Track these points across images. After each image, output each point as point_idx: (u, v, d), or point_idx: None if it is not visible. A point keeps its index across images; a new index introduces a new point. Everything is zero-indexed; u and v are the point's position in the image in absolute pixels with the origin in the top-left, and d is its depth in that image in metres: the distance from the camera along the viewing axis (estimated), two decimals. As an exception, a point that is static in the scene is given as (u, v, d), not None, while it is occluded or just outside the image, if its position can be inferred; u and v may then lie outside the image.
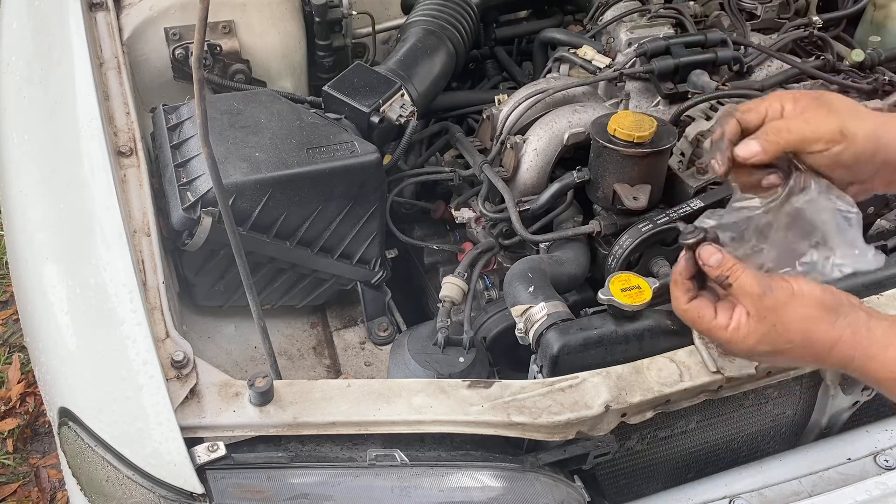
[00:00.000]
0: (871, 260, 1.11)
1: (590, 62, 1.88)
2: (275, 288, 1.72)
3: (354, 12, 2.10)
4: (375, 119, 1.72)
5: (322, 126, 1.66)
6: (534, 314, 1.41)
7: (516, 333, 1.44)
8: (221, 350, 1.69)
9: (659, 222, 1.57)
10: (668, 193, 1.65)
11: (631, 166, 1.56)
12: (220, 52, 1.90)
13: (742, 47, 1.90)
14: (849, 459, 1.45)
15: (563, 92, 1.83)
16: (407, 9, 2.29)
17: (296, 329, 1.83)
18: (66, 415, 1.21)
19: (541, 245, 1.70)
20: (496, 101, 1.87)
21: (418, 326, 1.59)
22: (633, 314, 1.36)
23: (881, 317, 1.08)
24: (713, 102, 1.73)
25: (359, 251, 1.72)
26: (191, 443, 1.16)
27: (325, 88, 1.77)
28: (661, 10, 1.97)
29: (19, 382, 2.85)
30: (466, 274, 1.66)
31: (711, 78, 1.79)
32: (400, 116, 1.76)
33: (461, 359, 1.49)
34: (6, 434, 2.70)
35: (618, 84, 1.86)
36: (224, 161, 1.52)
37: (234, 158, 1.54)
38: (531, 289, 1.46)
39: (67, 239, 1.38)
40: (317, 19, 2.02)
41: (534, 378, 1.38)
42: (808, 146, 1.09)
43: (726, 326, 1.10)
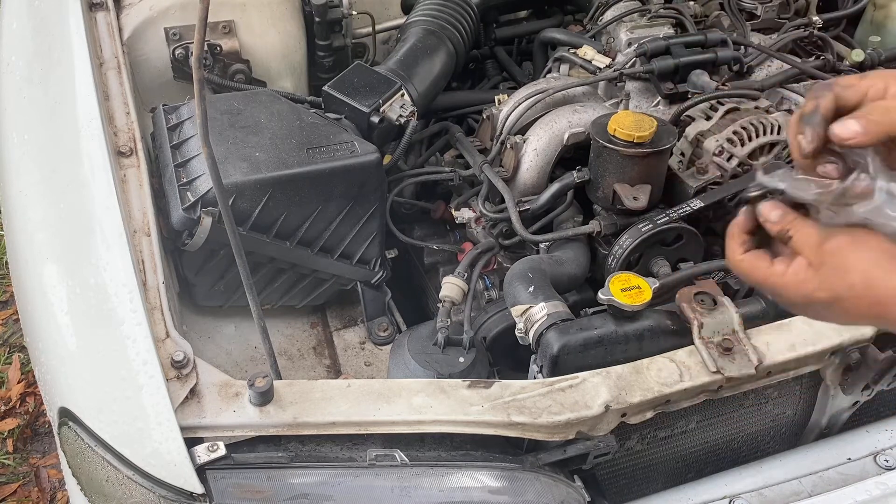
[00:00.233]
0: None
1: (590, 62, 1.88)
2: (275, 288, 1.72)
3: (354, 12, 2.10)
4: (375, 119, 1.72)
5: (322, 126, 1.66)
6: (534, 314, 1.41)
7: (516, 333, 1.44)
8: (221, 350, 1.69)
9: (659, 222, 1.57)
10: (668, 193, 1.65)
11: (631, 166, 1.56)
12: (220, 52, 1.90)
13: (742, 47, 1.90)
14: (849, 459, 1.45)
15: (563, 92, 1.83)
16: (407, 9, 2.29)
17: (296, 329, 1.83)
18: (66, 415, 1.21)
19: (541, 245, 1.70)
20: (496, 101, 1.87)
21: (418, 326, 1.59)
22: (633, 314, 1.36)
23: None
24: (713, 102, 1.73)
25: (359, 251, 1.72)
26: (191, 443, 1.16)
27: (325, 88, 1.77)
28: (661, 10, 1.97)
29: (19, 382, 2.85)
30: (466, 274, 1.66)
31: (711, 78, 1.79)
32: (400, 116, 1.76)
33: (461, 359, 1.49)
34: (6, 434, 2.70)
35: (618, 84, 1.86)
36: (224, 161, 1.52)
37: (234, 158, 1.54)
38: (531, 289, 1.46)
39: (67, 239, 1.38)
40: (317, 19, 2.02)
41: (534, 378, 1.38)
42: None
43: (783, 273, 1.02)
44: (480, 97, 2.10)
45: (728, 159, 1.63)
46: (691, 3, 2.07)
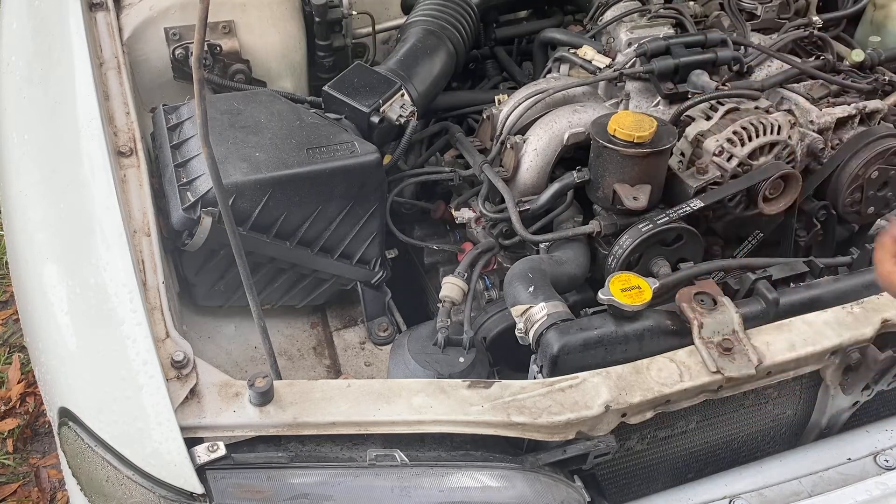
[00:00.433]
0: None
1: (590, 62, 1.88)
2: (275, 288, 1.72)
3: (354, 12, 2.10)
4: (375, 119, 1.72)
5: (322, 126, 1.66)
6: (534, 314, 1.41)
7: (516, 333, 1.44)
8: (221, 350, 1.69)
9: (659, 222, 1.57)
10: (668, 193, 1.65)
11: (631, 166, 1.56)
12: (220, 52, 1.90)
13: (742, 47, 1.89)
14: (849, 459, 1.45)
15: (563, 92, 1.83)
16: (407, 9, 2.29)
17: (296, 329, 1.83)
18: (66, 415, 1.21)
19: (541, 245, 1.70)
20: (496, 101, 1.87)
21: (418, 326, 1.59)
22: (633, 314, 1.36)
23: None
24: (713, 102, 1.73)
25: (359, 251, 1.72)
26: (191, 443, 1.16)
27: (325, 88, 1.77)
28: (661, 10, 1.96)
29: (19, 382, 2.85)
30: (466, 274, 1.66)
31: (711, 78, 1.79)
32: (400, 116, 1.76)
33: (461, 359, 1.49)
34: (6, 434, 2.70)
35: (618, 84, 1.86)
36: (224, 161, 1.52)
37: (234, 158, 1.54)
38: (531, 289, 1.46)
39: (67, 239, 1.38)
40: (317, 19, 2.02)
41: (534, 378, 1.38)
42: None
43: None
44: (480, 97, 2.10)
45: (728, 159, 1.63)
46: (691, 3, 2.07)
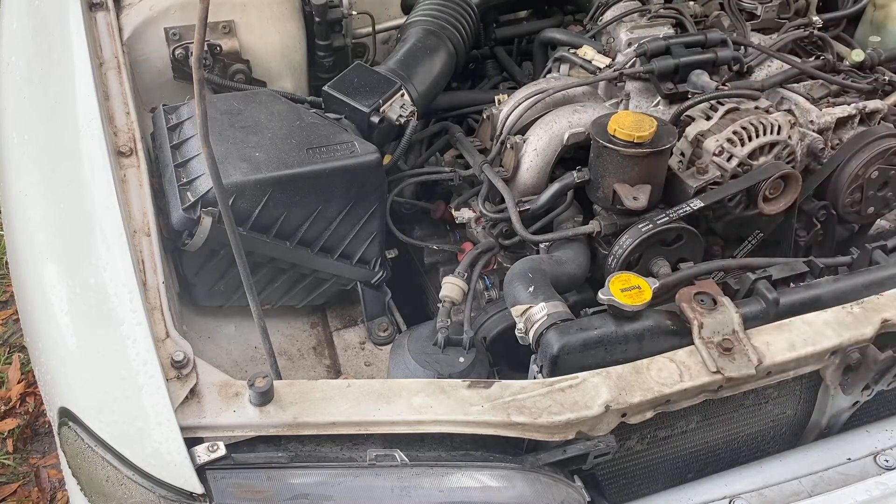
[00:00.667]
0: None
1: (590, 62, 1.88)
2: (275, 288, 1.72)
3: (354, 12, 2.10)
4: (375, 119, 1.72)
5: (322, 126, 1.66)
6: (534, 314, 1.41)
7: (516, 333, 1.44)
8: (221, 350, 1.69)
9: (659, 222, 1.57)
10: (668, 193, 1.65)
11: (631, 166, 1.56)
12: (220, 52, 1.90)
13: (742, 47, 1.89)
14: (849, 459, 1.45)
15: (563, 92, 1.83)
16: (407, 9, 2.29)
17: (296, 329, 1.83)
18: (66, 415, 1.21)
19: (541, 245, 1.70)
20: (496, 101, 1.87)
21: (418, 326, 1.59)
22: (633, 314, 1.36)
23: None
24: (713, 102, 1.73)
25: (359, 251, 1.72)
26: (191, 443, 1.16)
27: (325, 88, 1.77)
28: (661, 10, 1.96)
29: (19, 382, 2.85)
30: (466, 274, 1.66)
31: (711, 78, 1.79)
32: (400, 116, 1.76)
33: (461, 359, 1.49)
34: (6, 434, 2.70)
35: (618, 84, 1.86)
36: (224, 161, 1.52)
37: (234, 158, 1.54)
38: (531, 289, 1.46)
39: (67, 239, 1.38)
40: (317, 19, 2.02)
41: (534, 378, 1.38)
42: None
43: None
44: (480, 97, 2.10)
45: (728, 159, 1.63)
46: (691, 3, 2.07)
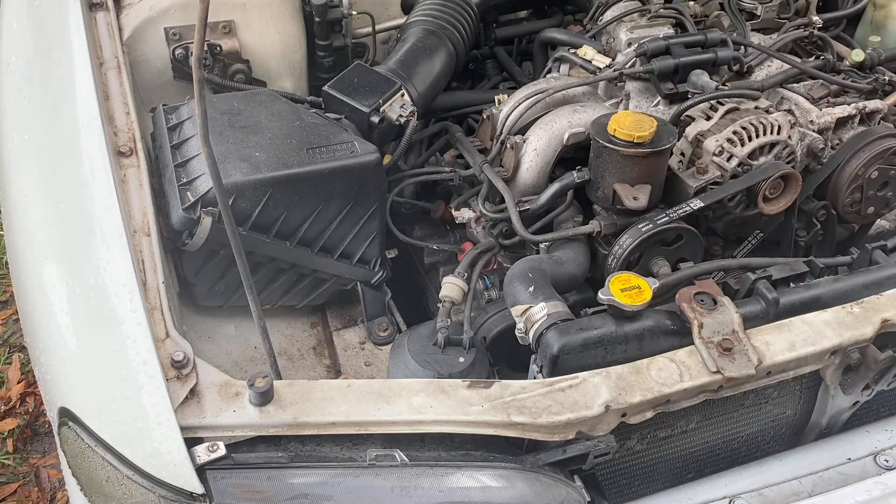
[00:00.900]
0: None
1: (590, 62, 1.88)
2: (275, 288, 1.72)
3: (354, 12, 2.10)
4: (375, 119, 1.72)
5: (322, 126, 1.66)
6: (534, 314, 1.41)
7: (516, 333, 1.44)
8: (221, 350, 1.69)
9: (659, 222, 1.57)
10: (668, 193, 1.65)
11: (631, 166, 1.56)
12: (220, 52, 1.90)
13: (742, 47, 1.89)
14: (849, 459, 1.45)
15: (563, 92, 1.83)
16: (407, 9, 2.29)
17: (296, 329, 1.83)
18: (66, 415, 1.21)
19: (541, 245, 1.70)
20: (496, 101, 1.87)
21: (418, 326, 1.59)
22: (633, 314, 1.36)
23: None
24: (713, 102, 1.73)
25: (359, 251, 1.72)
26: (191, 443, 1.16)
27: (325, 88, 1.77)
28: (661, 10, 1.96)
29: (19, 382, 2.85)
30: (466, 274, 1.66)
31: (711, 78, 1.79)
32: (400, 116, 1.76)
33: (461, 359, 1.49)
34: (6, 434, 2.70)
35: (618, 84, 1.86)
36: (224, 161, 1.52)
37: (234, 158, 1.54)
38: (531, 289, 1.46)
39: (67, 239, 1.38)
40: (317, 19, 2.02)
41: (534, 378, 1.38)
42: None
43: None
44: (480, 97, 2.10)
45: (728, 159, 1.63)
46: (691, 3, 2.07)
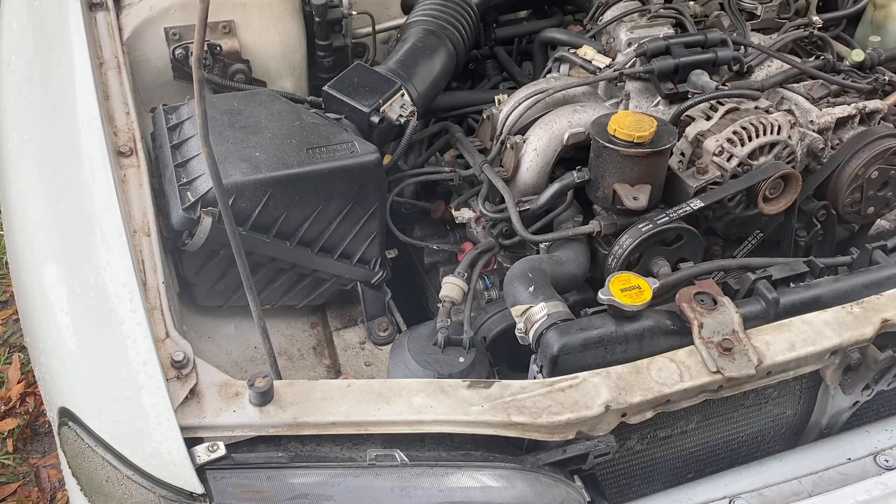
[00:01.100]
0: None
1: (590, 62, 1.88)
2: (275, 288, 1.72)
3: (354, 12, 2.10)
4: (375, 119, 1.72)
5: (322, 126, 1.66)
6: (534, 314, 1.40)
7: (516, 333, 1.44)
8: (221, 350, 1.69)
9: (659, 222, 1.57)
10: (668, 193, 1.65)
11: (631, 166, 1.56)
12: (220, 52, 1.90)
13: (742, 47, 1.89)
14: (849, 459, 1.45)
15: (563, 92, 1.83)
16: (407, 9, 2.29)
17: (296, 329, 1.83)
18: (66, 415, 1.21)
19: (541, 245, 1.70)
20: (496, 101, 1.87)
21: (418, 326, 1.59)
22: (633, 314, 1.36)
23: None
24: (713, 102, 1.73)
25: (359, 251, 1.72)
26: (191, 443, 1.16)
27: (325, 88, 1.77)
28: (661, 10, 1.96)
29: (19, 382, 2.85)
30: (466, 274, 1.66)
31: (711, 78, 1.79)
32: (400, 116, 1.76)
33: (461, 359, 1.49)
34: (6, 434, 2.70)
35: (618, 84, 1.86)
36: (224, 161, 1.52)
37: (234, 158, 1.54)
38: (531, 289, 1.46)
39: (67, 239, 1.38)
40: (317, 19, 2.02)
41: (534, 378, 1.38)
42: None
43: None
44: (480, 97, 2.10)
45: (728, 159, 1.63)
46: (691, 3, 2.07)
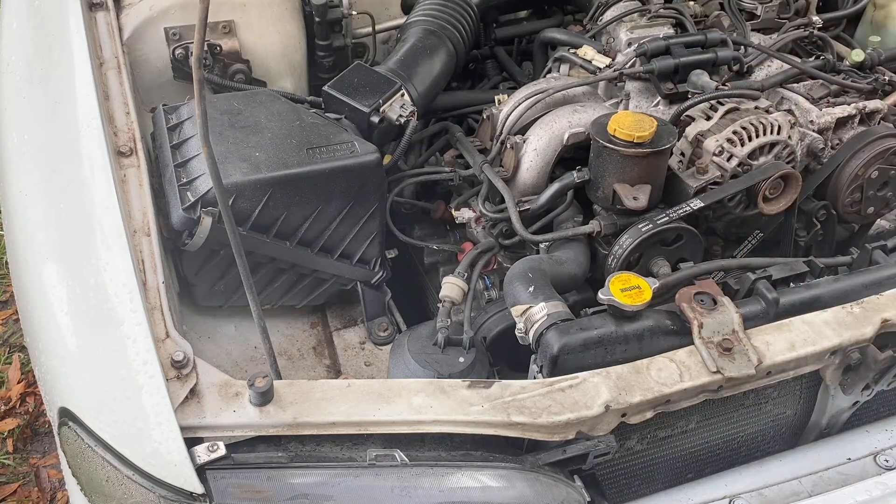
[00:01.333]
0: None
1: (590, 62, 1.88)
2: (275, 288, 1.72)
3: (354, 12, 2.10)
4: (375, 119, 1.72)
5: (322, 126, 1.66)
6: (534, 314, 1.41)
7: (516, 333, 1.44)
8: (221, 350, 1.69)
9: (659, 222, 1.57)
10: (668, 193, 1.65)
11: (631, 166, 1.56)
12: (220, 52, 1.90)
13: (742, 47, 1.89)
14: (849, 459, 1.45)
15: (563, 92, 1.83)
16: (407, 9, 2.29)
17: (296, 329, 1.83)
18: (66, 415, 1.21)
19: (541, 245, 1.70)
20: (496, 101, 1.87)
21: (418, 326, 1.59)
22: (633, 314, 1.36)
23: None
24: (713, 102, 1.73)
25: (359, 251, 1.72)
26: (191, 443, 1.16)
27: (325, 88, 1.77)
28: (661, 10, 1.96)
29: (19, 382, 2.85)
30: (466, 274, 1.66)
31: (711, 78, 1.79)
32: (400, 116, 1.76)
33: (461, 359, 1.49)
34: (6, 434, 2.70)
35: (618, 84, 1.86)
36: (224, 161, 1.52)
37: (234, 158, 1.54)
38: (531, 289, 1.46)
39: (67, 239, 1.38)
40: (317, 19, 2.02)
41: (534, 378, 1.38)
42: None
43: None
44: (480, 97, 2.10)
45: (728, 159, 1.63)
46: (691, 3, 2.07)
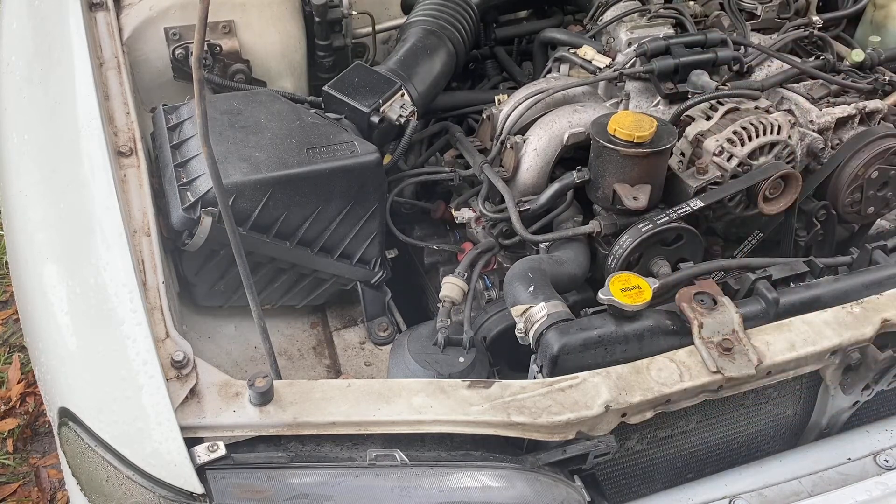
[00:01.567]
0: None
1: (590, 62, 1.88)
2: (275, 288, 1.72)
3: (354, 12, 2.10)
4: (375, 119, 1.72)
5: (322, 126, 1.66)
6: (534, 314, 1.41)
7: (516, 333, 1.44)
8: (221, 350, 1.69)
9: (659, 222, 1.57)
10: (668, 193, 1.65)
11: (631, 166, 1.56)
12: (220, 52, 1.90)
13: (742, 47, 1.89)
14: (849, 459, 1.45)
15: (563, 92, 1.83)
16: (407, 9, 2.29)
17: (296, 329, 1.83)
18: (66, 415, 1.21)
19: (541, 245, 1.70)
20: (496, 101, 1.87)
21: (418, 326, 1.59)
22: (633, 314, 1.36)
23: None
24: (713, 102, 1.73)
25: (359, 251, 1.72)
26: (191, 443, 1.16)
27: (325, 88, 1.77)
28: (661, 10, 1.96)
29: (19, 382, 2.85)
30: (466, 274, 1.66)
31: (711, 78, 1.79)
32: (400, 116, 1.76)
33: (461, 359, 1.49)
34: (6, 434, 2.70)
35: (618, 84, 1.86)
36: (224, 161, 1.52)
37: (234, 158, 1.54)
38: (531, 289, 1.46)
39: (67, 239, 1.38)
40: (317, 19, 2.02)
41: (534, 378, 1.38)
42: None
43: None
44: (480, 97, 2.10)
45: (728, 159, 1.63)
46: (691, 3, 2.07)
